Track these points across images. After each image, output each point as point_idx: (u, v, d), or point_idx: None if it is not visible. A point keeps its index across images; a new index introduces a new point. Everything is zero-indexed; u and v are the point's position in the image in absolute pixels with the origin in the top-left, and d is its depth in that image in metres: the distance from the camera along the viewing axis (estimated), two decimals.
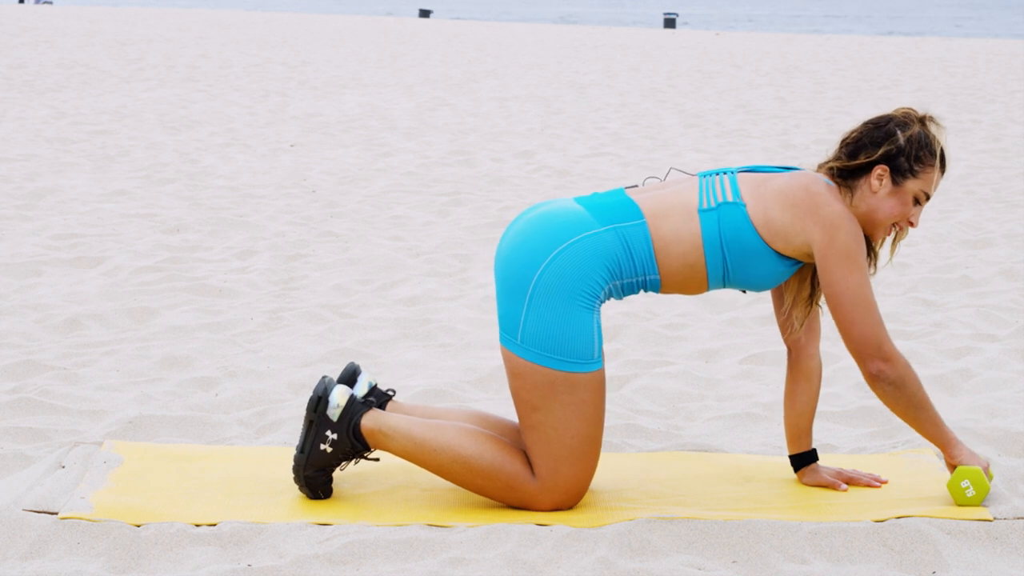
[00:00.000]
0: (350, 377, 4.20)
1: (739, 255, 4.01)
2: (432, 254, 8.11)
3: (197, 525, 3.84)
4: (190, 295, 6.97)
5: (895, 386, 3.98)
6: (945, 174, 4.14)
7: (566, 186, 10.89)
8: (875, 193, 4.06)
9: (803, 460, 4.31)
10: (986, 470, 4.03)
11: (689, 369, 5.74)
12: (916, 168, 4.05)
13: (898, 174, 4.05)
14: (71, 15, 43.43)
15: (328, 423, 4.03)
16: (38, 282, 7.24)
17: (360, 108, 16.81)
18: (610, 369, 5.80)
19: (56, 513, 3.86)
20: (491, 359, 5.89)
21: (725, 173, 4.11)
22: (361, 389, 4.17)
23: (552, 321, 3.92)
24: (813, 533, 3.82)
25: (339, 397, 4.04)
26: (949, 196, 10.48)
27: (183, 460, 4.39)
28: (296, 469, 4.06)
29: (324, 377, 4.10)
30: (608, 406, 5.21)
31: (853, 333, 3.97)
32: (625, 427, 4.95)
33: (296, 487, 4.13)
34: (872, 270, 4.19)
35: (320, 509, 4.00)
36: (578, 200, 4.09)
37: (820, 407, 5.26)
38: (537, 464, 3.99)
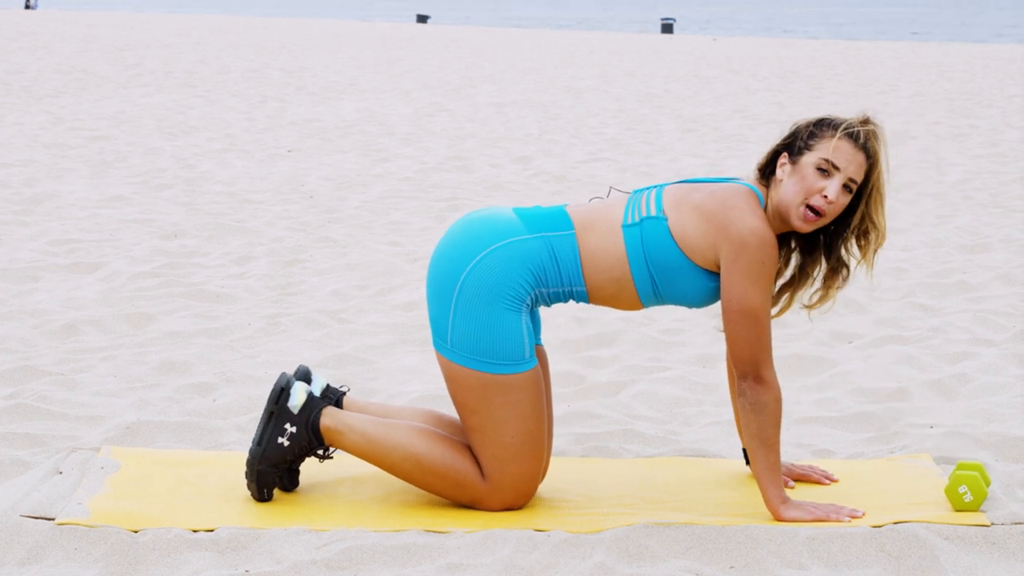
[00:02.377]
0: (304, 377, 4.26)
1: (664, 270, 4.00)
2: (429, 259, 8.10)
3: (195, 531, 3.84)
4: (188, 300, 6.97)
5: (752, 409, 3.94)
6: (861, 146, 3.97)
7: (563, 192, 10.89)
8: (780, 181, 4.02)
9: None
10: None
11: (687, 374, 5.74)
12: (811, 143, 4.00)
13: (795, 154, 4.00)
14: (68, 20, 43.42)
15: (288, 415, 4.07)
16: (35, 287, 7.24)
17: (358, 114, 16.82)
18: (607, 374, 5.80)
19: (53, 519, 3.86)
20: None
21: (655, 188, 4.10)
22: (317, 388, 4.22)
23: (478, 324, 3.95)
24: (811, 538, 3.82)
25: (300, 391, 4.09)
26: (946, 201, 10.49)
27: (180, 466, 4.39)
28: (250, 463, 4.07)
29: (284, 372, 4.15)
30: (605, 411, 5.21)
31: (736, 349, 3.95)
32: (623, 432, 4.95)
33: (249, 490, 4.11)
34: (847, 272, 4.13)
35: (317, 515, 3.99)
36: (516, 209, 4.11)
37: (818, 412, 5.27)
38: (484, 465, 4.04)
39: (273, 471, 4.08)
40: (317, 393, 4.21)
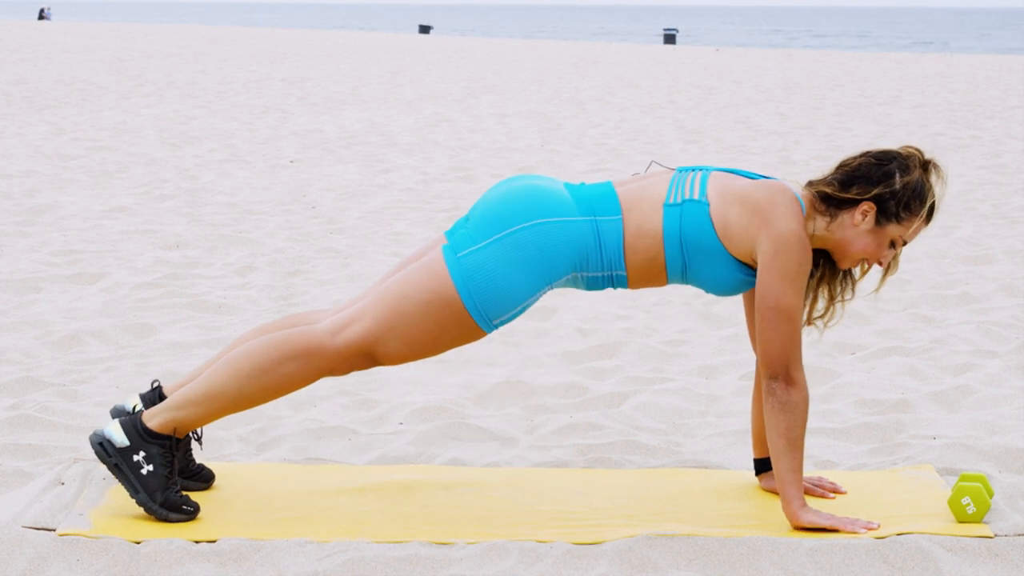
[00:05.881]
0: (119, 414, 4.17)
1: (697, 254, 4.01)
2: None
3: (196, 542, 3.83)
4: (189, 311, 6.97)
5: (782, 408, 3.95)
6: (930, 224, 4.11)
7: None
8: (855, 226, 4.03)
9: (768, 464, 4.33)
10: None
11: (689, 385, 5.73)
12: (902, 215, 4.02)
13: (883, 215, 4.02)
14: (70, 31, 43.46)
15: (127, 451, 3.97)
16: (37, 298, 7.24)
17: (360, 124, 16.83)
18: (610, 386, 5.79)
19: (55, 530, 3.85)
20: (490, 375, 5.89)
21: (700, 170, 4.11)
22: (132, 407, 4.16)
23: (499, 271, 3.93)
24: (813, 550, 3.81)
25: (114, 427, 3.98)
26: (949, 212, 10.48)
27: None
28: (149, 508, 3.97)
29: (93, 432, 4.02)
30: (608, 422, 5.21)
31: (768, 349, 3.97)
32: (625, 443, 4.95)
33: (175, 521, 4.02)
34: (850, 295, 4.19)
35: (319, 526, 3.99)
36: (567, 185, 4.11)
37: (821, 423, 5.26)
38: (350, 313, 3.98)
39: (170, 491, 4.00)
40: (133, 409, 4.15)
